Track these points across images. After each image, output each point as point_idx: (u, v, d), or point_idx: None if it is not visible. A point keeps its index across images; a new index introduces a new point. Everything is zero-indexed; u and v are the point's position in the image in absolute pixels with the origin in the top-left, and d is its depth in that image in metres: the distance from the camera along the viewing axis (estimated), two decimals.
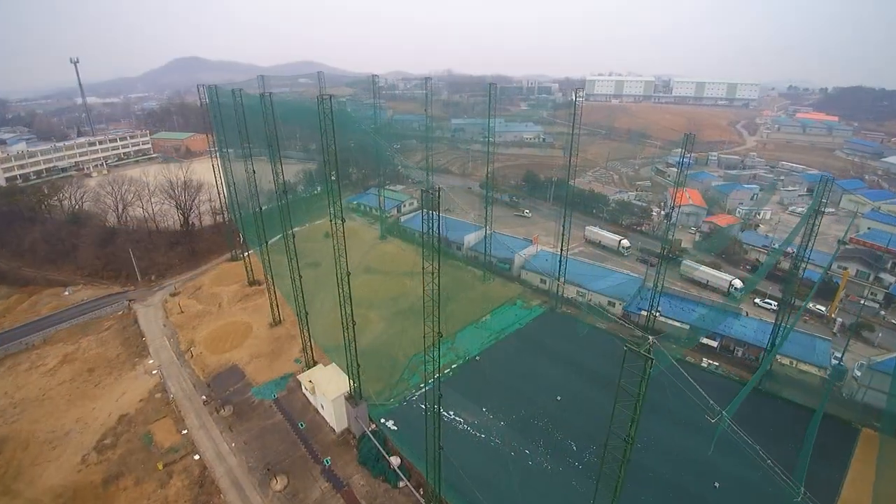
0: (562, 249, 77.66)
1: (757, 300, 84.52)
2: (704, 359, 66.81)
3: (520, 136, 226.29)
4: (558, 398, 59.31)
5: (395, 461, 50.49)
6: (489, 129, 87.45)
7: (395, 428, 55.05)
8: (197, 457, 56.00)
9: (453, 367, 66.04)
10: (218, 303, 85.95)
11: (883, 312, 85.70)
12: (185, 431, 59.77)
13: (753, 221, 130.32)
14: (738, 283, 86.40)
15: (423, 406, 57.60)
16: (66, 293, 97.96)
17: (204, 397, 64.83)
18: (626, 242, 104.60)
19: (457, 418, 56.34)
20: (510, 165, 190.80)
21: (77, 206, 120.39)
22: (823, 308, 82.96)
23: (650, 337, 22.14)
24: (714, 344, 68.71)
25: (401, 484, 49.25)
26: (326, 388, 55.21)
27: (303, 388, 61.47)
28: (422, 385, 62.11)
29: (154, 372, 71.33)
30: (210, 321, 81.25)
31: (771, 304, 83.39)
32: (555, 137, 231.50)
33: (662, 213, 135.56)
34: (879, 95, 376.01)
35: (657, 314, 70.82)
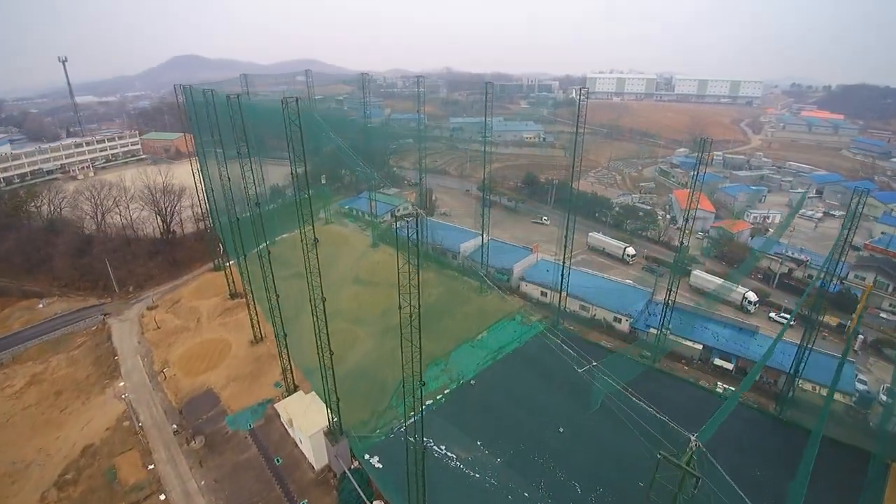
0: (564, 259, 72.25)
1: (772, 314, 79.19)
2: (719, 383, 61.52)
3: (519, 136, 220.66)
4: (560, 430, 53.99)
5: None
6: (485, 129, 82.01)
7: (380, 466, 49.70)
8: (163, 497, 50.82)
9: (446, 392, 60.66)
10: (196, 318, 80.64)
11: None
12: (151, 466, 54.54)
13: (763, 226, 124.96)
14: (751, 295, 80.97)
15: (411, 440, 52.38)
16: (41, 306, 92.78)
17: (175, 426, 59.58)
18: (631, 250, 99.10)
19: (448, 454, 51.05)
20: (510, 166, 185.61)
21: (56, 213, 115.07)
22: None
23: (693, 436, 16.83)
24: (730, 366, 63.35)
25: None
26: (304, 422, 49.94)
27: (281, 417, 56.21)
28: (411, 414, 56.83)
29: (124, 396, 66.10)
30: (187, 338, 75.96)
31: (787, 319, 77.93)
32: (555, 137, 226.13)
33: (668, 217, 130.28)
34: (884, 93, 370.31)
35: (668, 332, 65.30)
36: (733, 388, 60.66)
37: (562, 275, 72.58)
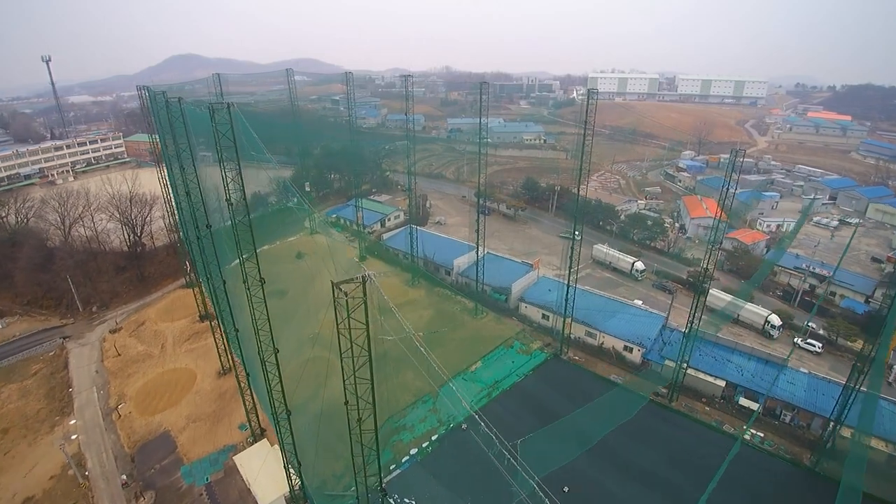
0: (569, 278, 64.59)
1: (797, 339, 71.62)
2: (745, 428, 53.93)
3: (519, 137, 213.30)
4: (565, 489, 46.48)
5: None
6: (481, 130, 74.45)
7: None
8: None
9: (433, 438, 53.24)
10: (161, 343, 73.11)
11: None
12: None
13: (778, 235, 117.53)
14: (774, 318, 73.38)
15: (391, 501, 45.04)
16: (0, 326, 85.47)
17: (124, 477, 52.11)
18: (640, 265, 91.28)
19: None
20: (509, 169, 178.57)
21: (23, 223, 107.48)
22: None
23: None
24: (755, 407, 55.73)
25: None
26: (262, 485, 42.52)
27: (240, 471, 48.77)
28: (392, 467, 49.50)
29: (73, 437, 58.70)
30: (149, 367, 68.44)
31: (814, 345, 70.50)
32: (556, 138, 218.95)
33: (676, 225, 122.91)
34: (889, 93, 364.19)
35: (685, 365, 57.53)
36: (762, 435, 53.15)
37: (566, 298, 65.09)
